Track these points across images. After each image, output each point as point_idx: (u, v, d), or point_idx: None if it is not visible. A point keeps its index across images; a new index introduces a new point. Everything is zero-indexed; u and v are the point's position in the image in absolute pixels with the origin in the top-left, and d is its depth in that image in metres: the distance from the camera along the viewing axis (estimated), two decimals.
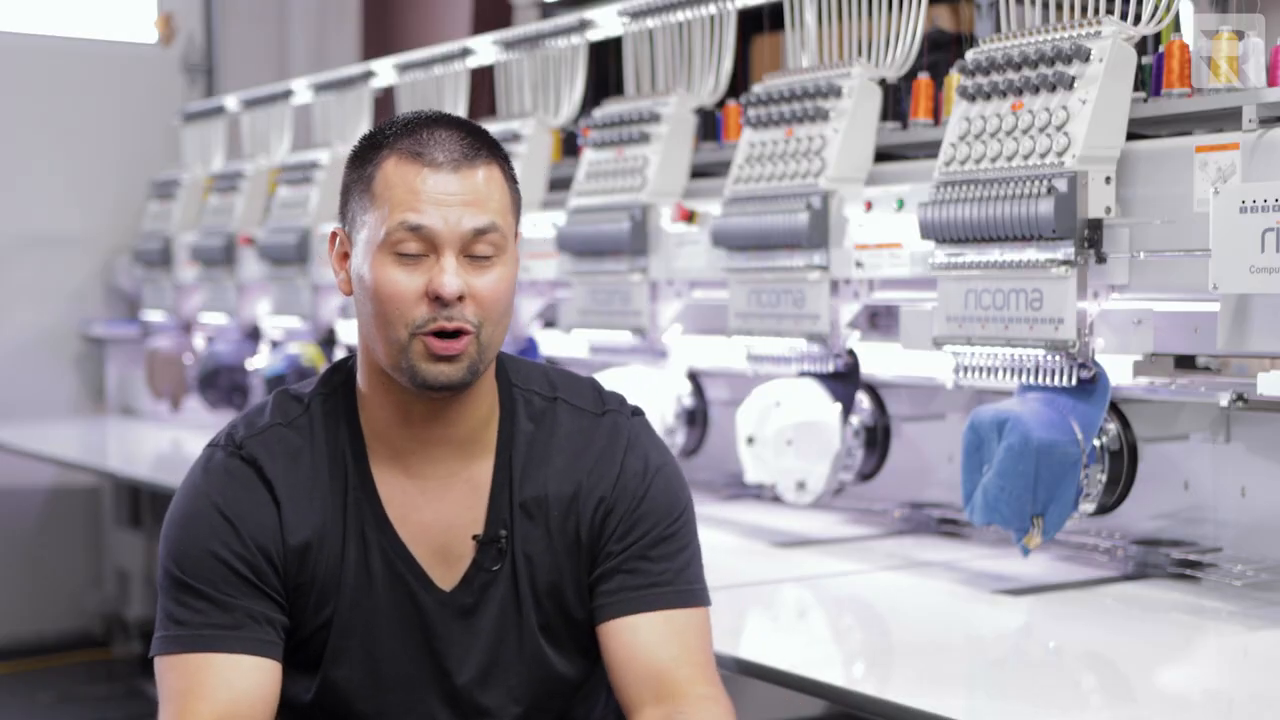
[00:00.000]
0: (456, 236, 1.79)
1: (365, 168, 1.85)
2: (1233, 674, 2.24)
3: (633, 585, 1.88)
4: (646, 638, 1.86)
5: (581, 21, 3.82)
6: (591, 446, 1.92)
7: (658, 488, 1.93)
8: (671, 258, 3.40)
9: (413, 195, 1.79)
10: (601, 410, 1.95)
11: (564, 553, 1.91)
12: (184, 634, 1.80)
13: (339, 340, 4.75)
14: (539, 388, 1.95)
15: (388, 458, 1.89)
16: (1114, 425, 2.62)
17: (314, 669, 1.88)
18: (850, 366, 3.06)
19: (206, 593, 1.81)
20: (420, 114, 1.87)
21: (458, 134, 1.84)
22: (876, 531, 3.21)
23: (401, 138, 1.83)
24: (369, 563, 1.87)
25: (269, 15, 6.60)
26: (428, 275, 1.79)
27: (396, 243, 1.79)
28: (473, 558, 1.89)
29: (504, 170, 1.87)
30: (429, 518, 1.89)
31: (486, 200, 1.82)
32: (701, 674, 1.86)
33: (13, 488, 6.12)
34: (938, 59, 3.23)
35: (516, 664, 1.91)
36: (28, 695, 5.59)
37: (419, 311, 1.79)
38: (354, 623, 1.87)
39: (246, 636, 1.80)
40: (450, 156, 1.81)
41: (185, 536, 1.84)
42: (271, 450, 1.87)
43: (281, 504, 1.85)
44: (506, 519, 1.90)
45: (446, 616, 1.89)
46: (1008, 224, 2.50)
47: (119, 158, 6.31)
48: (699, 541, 1.97)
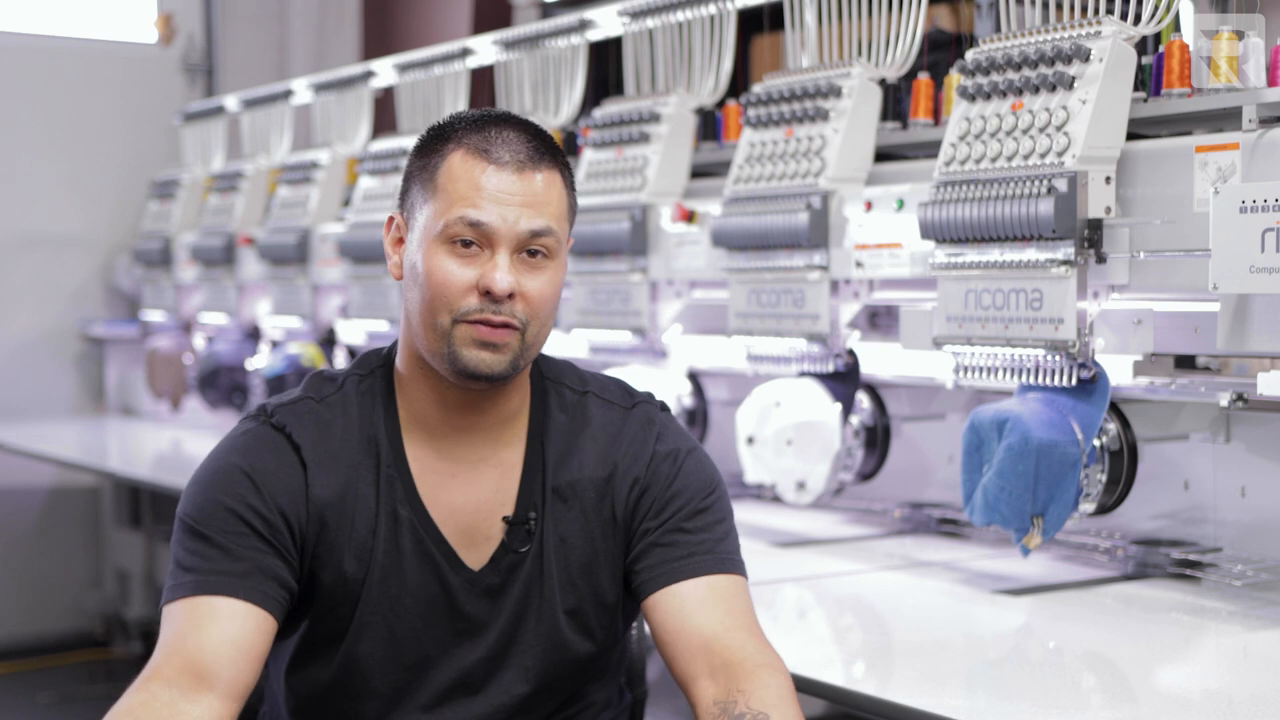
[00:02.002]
0: (513, 235, 1.84)
1: (430, 158, 1.89)
2: (1233, 674, 2.24)
3: (672, 557, 1.91)
4: (692, 606, 1.87)
5: (581, 21, 3.83)
6: (624, 433, 1.97)
7: (689, 467, 1.97)
8: (671, 258, 3.40)
9: (474, 191, 1.83)
10: (631, 404, 2.01)
11: (599, 533, 1.94)
12: (189, 580, 1.81)
13: (339, 340, 4.75)
14: (570, 382, 2.01)
15: (422, 439, 1.92)
16: (1114, 425, 2.62)
17: (336, 644, 1.90)
18: (850, 366, 3.06)
19: (217, 540, 1.82)
20: (489, 111, 1.91)
21: (524, 135, 1.88)
22: (876, 531, 3.21)
23: (469, 133, 1.87)
24: (399, 539, 1.89)
25: (269, 15, 6.60)
26: (480, 269, 1.83)
27: (453, 235, 1.83)
28: (501, 539, 1.92)
29: (564, 176, 1.92)
30: (459, 499, 1.92)
31: (545, 204, 1.86)
32: (753, 639, 1.85)
33: (13, 488, 6.12)
34: (938, 59, 3.24)
35: (532, 645, 1.93)
36: (28, 695, 5.59)
37: (468, 301, 1.83)
38: (381, 598, 1.89)
39: (250, 585, 1.81)
40: (515, 157, 1.85)
41: (204, 491, 1.86)
42: (302, 419, 1.90)
43: (309, 466, 1.87)
44: (537, 502, 1.93)
45: (472, 595, 1.91)
46: (1008, 224, 2.50)
47: (119, 158, 6.31)
48: (734, 521, 1.99)
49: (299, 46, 6.49)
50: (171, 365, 5.46)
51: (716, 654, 1.83)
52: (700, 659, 1.83)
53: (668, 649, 1.88)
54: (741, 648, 1.83)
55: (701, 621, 1.86)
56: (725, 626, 1.85)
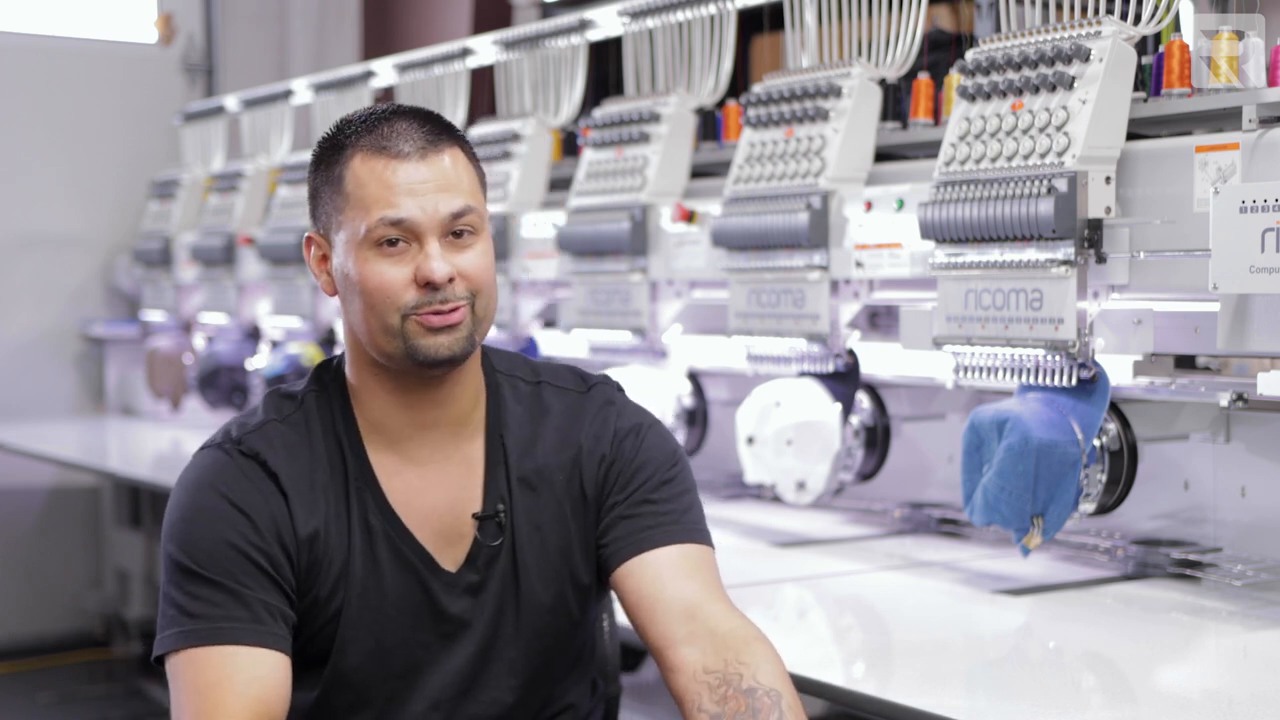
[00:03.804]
0: (436, 223, 1.83)
1: (332, 169, 1.87)
2: (1233, 674, 2.24)
3: (642, 526, 1.91)
4: (669, 572, 1.87)
5: (581, 21, 3.83)
6: (584, 415, 1.98)
7: (651, 440, 1.98)
8: (671, 258, 3.40)
9: (386, 190, 1.82)
10: (586, 387, 2.01)
11: (572, 514, 1.94)
12: (201, 627, 1.77)
13: (339, 340, 4.75)
14: (522, 374, 2.01)
15: (385, 446, 1.91)
16: (1114, 425, 2.62)
17: (321, 664, 1.89)
18: (850, 366, 3.06)
19: (224, 584, 1.79)
20: (375, 108, 1.90)
21: (416, 122, 1.87)
22: (876, 531, 3.21)
23: (362, 134, 1.86)
24: (375, 551, 1.89)
25: (269, 15, 6.60)
26: (413, 263, 1.83)
27: (378, 238, 1.82)
28: (474, 536, 1.92)
29: (466, 151, 1.90)
30: (430, 501, 1.91)
31: (457, 183, 1.85)
32: (730, 610, 1.84)
33: (13, 488, 6.12)
34: (938, 59, 3.23)
35: (515, 638, 1.93)
36: (28, 695, 5.59)
37: (408, 296, 1.83)
38: (363, 612, 1.88)
39: (265, 631, 1.79)
40: (415, 145, 1.84)
41: (196, 528, 1.82)
42: (272, 443, 1.88)
43: (289, 495, 1.86)
44: (504, 494, 1.93)
45: (453, 596, 1.91)
46: (1008, 224, 2.50)
47: (119, 158, 6.31)
48: (698, 492, 1.99)
49: (299, 46, 6.49)
50: (171, 365, 5.46)
51: (699, 621, 1.81)
52: (681, 624, 1.81)
53: (643, 614, 1.86)
54: (726, 617, 1.82)
55: (681, 587, 1.85)
56: (705, 596, 1.85)
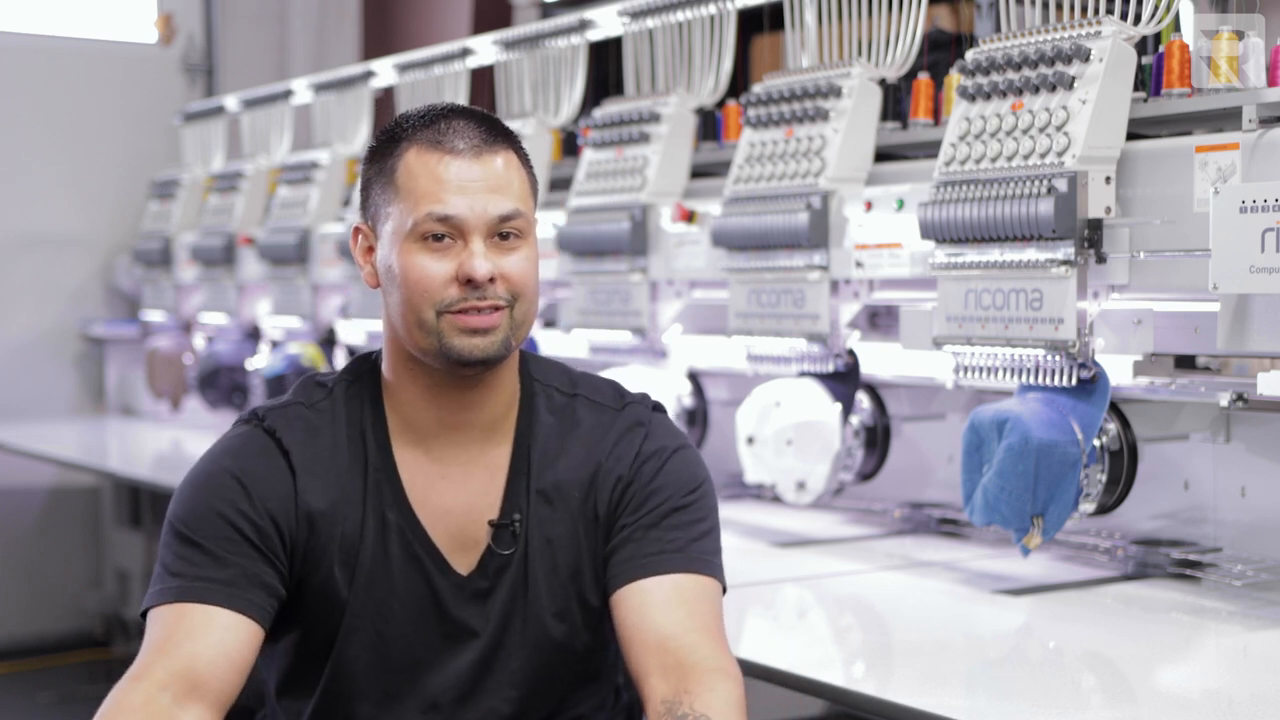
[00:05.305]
0: (483, 223, 1.84)
1: (385, 161, 1.88)
2: (1233, 674, 2.24)
3: (642, 553, 1.89)
4: (654, 603, 1.85)
5: (581, 21, 3.83)
6: (611, 434, 1.96)
7: (674, 464, 1.95)
8: (671, 258, 3.40)
9: (437, 184, 1.83)
10: (622, 405, 1.99)
11: (585, 534, 1.93)
12: (174, 585, 1.81)
13: (339, 340, 4.75)
14: (559, 384, 2.00)
15: (411, 441, 1.92)
16: (1114, 425, 2.62)
17: (327, 649, 1.89)
18: (850, 366, 3.06)
19: (206, 547, 1.82)
20: (435, 106, 1.91)
21: (474, 122, 1.88)
22: (876, 531, 3.21)
23: (420, 129, 1.87)
24: (387, 544, 1.89)
25: (269, 15, 6.60)
26: (456, 260, 1.83)
27: (424, 232, 1.83)
28: (488, 542, 1.91)
29: (520, 156, 1.91)
30: (449, 502, 1.91)
31: (508, 186, 1.86)
32: (709, 642, 1.82)
33: (13, 488, 6.12)
34: (938, 59, 3.23)
35: (519, 649, 1.92)
36: (28, 695, 5.59)
37: (448, 293, 1.83)
38: (368, 603, 1.89)
39: (236, 594, 1.80)
40: (470, 144, 1.85)
41: (194, 495, 1.86)
42: (291, 423, 1.90)
43: (297, 472, 1.87)
44: (522, 504, 1.92)
45: (461, 600, 1.91)
46: (1008, 224, 2.50)
47: (119, 158, 6.31)
48: (719, 524, 1.96)
49: (299, 46, 6.49)
50: (171, 365, 5.46)
51: (670, 653, 1.80)
52: (653, 657, 1.81)
53: (626, 643, 1.86)
54: (695, 650, 1.80)
55: (660, 620, 1.84)
56: (684, 628, 1.83)
